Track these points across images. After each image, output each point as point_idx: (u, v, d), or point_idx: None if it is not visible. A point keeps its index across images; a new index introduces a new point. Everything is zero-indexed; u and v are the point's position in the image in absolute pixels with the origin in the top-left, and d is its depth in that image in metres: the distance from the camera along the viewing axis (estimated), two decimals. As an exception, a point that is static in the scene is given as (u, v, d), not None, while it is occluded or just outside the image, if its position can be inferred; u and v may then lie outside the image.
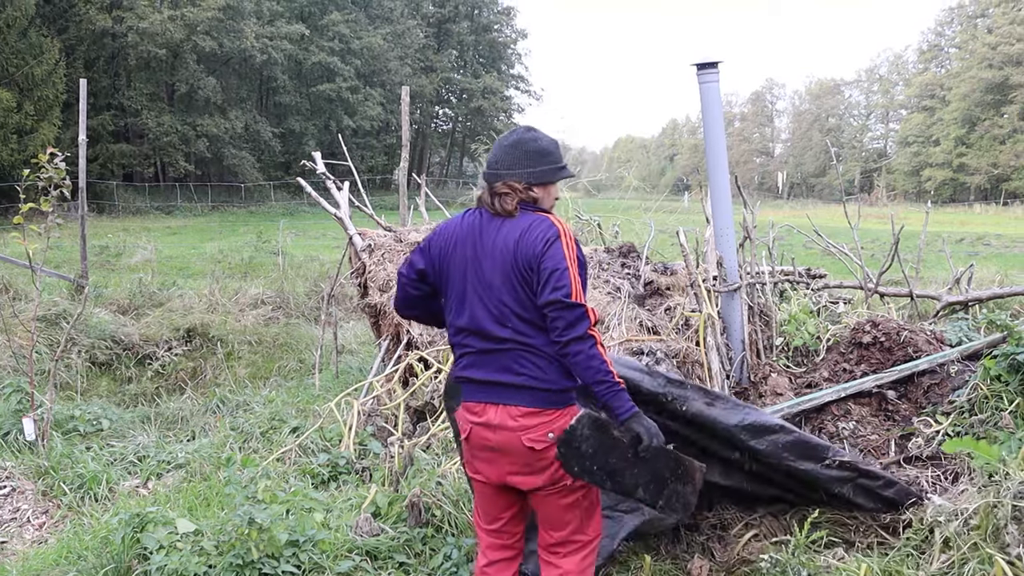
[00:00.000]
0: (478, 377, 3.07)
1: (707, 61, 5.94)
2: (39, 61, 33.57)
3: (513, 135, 3.14)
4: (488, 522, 3.27)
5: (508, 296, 2.97)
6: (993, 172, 61.58)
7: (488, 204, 3.07)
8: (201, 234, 28.03)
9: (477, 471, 3.17)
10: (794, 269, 8.13)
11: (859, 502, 4.04)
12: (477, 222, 3.10)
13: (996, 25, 64.47)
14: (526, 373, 2.98)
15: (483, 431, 3.05)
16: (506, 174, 3.05)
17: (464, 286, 3.06)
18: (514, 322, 2.98)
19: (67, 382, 8.62)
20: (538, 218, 3.01)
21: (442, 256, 3.14)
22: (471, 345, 3.08)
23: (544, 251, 2.90)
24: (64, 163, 5.91)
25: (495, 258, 2.99)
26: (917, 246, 9.32)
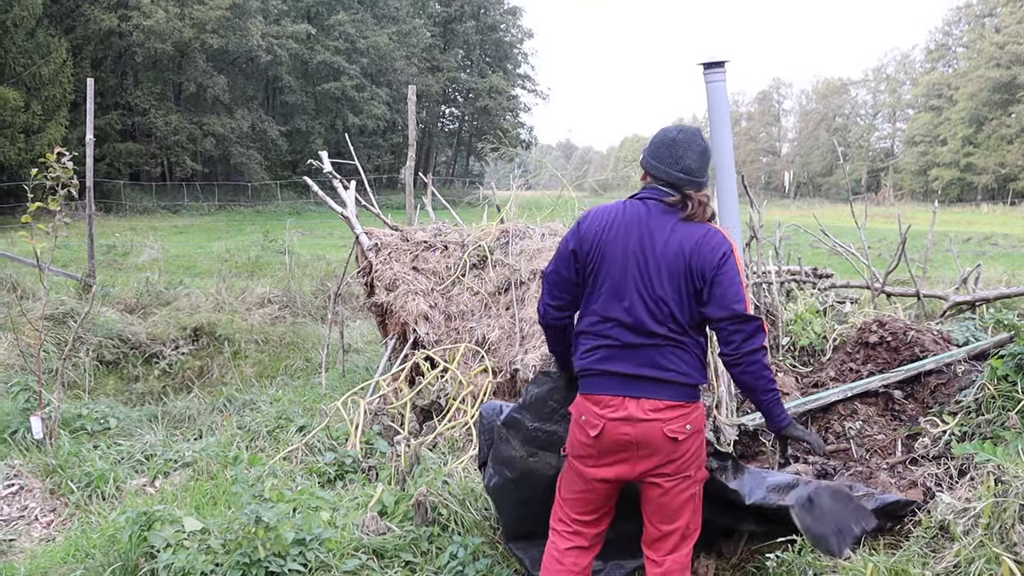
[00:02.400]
0: (618, 370, 3.09)
1: (714, 60, 5.93)
2: (46, 61, 33.68)
3: (701, 142, 3.20)
4: (581, 513, 3.26)
5: (671, 298, 3.05)
6: (1000, 172, 61.40)
7: (693, 214, 3.09)
8: (208, 233, 28.08)
9: (599, 466, 3.14)
10: (800, 268, 8.12)
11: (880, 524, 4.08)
12: (644, 216, 3.12)
13: (1004, 24, 64.26)
14: (673, 368, 3.07)
15: (621, 426, 3.05)
16: (700, 183, 3.14)
17: (624, 277, 3.09)
18: (670, 323, 3.07)
19: (74, 381, 8.64)
20: (711, 229, 3.11)
21: (598, 241, 3.14)
22: (616, 338, 3.10)
23: (721, 265, 3.02)
24: (71, 162, 5.92)
25: (666, 259, 3.05)
26: (924, 246, 9.30)
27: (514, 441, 3.69)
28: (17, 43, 32.74)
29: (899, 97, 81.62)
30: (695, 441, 3.13)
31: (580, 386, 3.21)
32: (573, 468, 3.24)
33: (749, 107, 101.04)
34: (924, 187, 68.33)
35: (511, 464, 3.69)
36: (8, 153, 30.89)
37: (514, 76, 71.00)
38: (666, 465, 3.08)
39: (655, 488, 3.13)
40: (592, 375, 3.14)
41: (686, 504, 3.19)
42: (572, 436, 3.24)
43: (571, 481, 3.27)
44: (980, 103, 63.88)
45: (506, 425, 3.74)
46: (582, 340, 3.20)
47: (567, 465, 3.30)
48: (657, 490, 3.14)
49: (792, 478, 3.95)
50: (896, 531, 4.02)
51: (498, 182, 33.03)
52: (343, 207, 8.17)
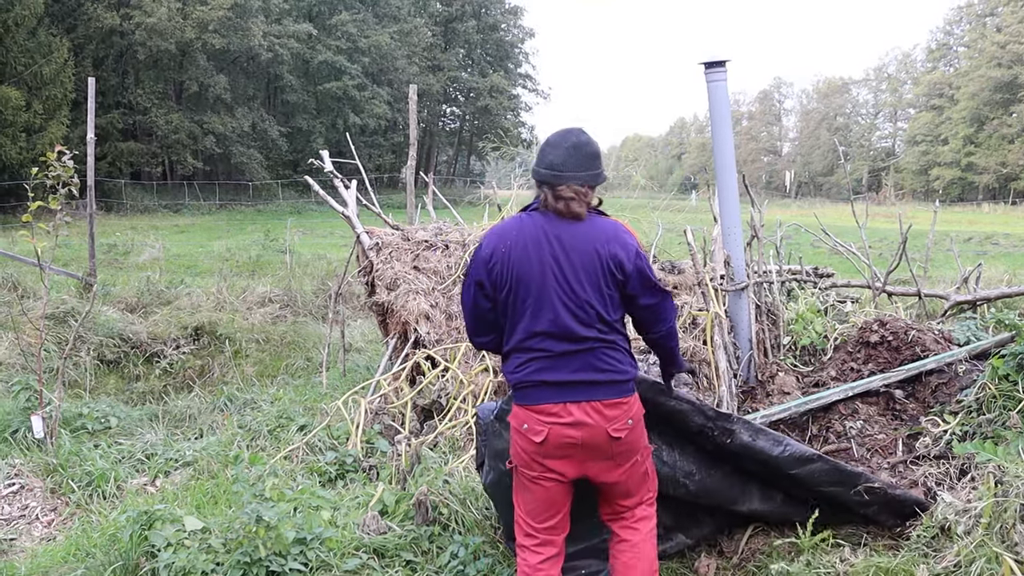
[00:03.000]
0: (555, 379, 3.13)
1: (715, 60, 5.93)
2: (48, 60, 33.69)
3: (571, 136, 3.17)
4: (543, 520, 3.29)
5: (595, 298, 3.11)
6: (1002, 171, 61.37)
7: (553, 207, 3.12)
8: (209, 232, 28.09)
9: (550, 471, 3.18)
10: (801, 268, 8.11)
11: (882, 519, 4.09)
12: (545, 225, 3.14)
13: (1005, 24, 64.22)
14: (608, 368, 3.14)
15: (566, 430, 3.10)
16: (570, 176, 3.10)
17: (544, 289, 3.11)
18: (596, 323, 3.11)
19: (75, 380, 8.64)
20: (613, 223, 3.20)
21: (508, 262, 3.14)
22: (548, 349, 3.13)
23: (636, 258, 3.14)
24: (72, 161, 5.92)
25: (582, 261, 3.10)
26: (925, 245, 9.30)
27: (505, 433, 3.71)
28: (18, 42, 32.74)
29: (900, 96, 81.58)
30: (636, 430, 3.23)
31: (516, 397, 3.23)
32: (524, 477, 3.27)
33: (750, 106, 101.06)
34: (925, 186, 68.32)
35: (504, 456, 3.71)
36: (9, 152, 30.90)
37: (515, 75, 70.96)
38: (613, 461, 3.18)
39: (609, 479, 3.24)
40: (529, 387, 3.17)
41: (643, 478, 3.33)
42: (515, 446, 3.26)
43: (526, 491, 3.30)
44: (981, 102, 63.84)
45: (498, 418, 3.77)
46: (515, 356, 3.22)
47: (518, 478, 3.32)
48: (611, 480, 3.24)
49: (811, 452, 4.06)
50: (896, 532, 4.01)
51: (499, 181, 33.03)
52: (344, 206, 8.17)
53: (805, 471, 3.98)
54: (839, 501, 4.06)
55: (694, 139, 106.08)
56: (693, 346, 5.95)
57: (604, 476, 3.20)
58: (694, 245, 6.46)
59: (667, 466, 3.85)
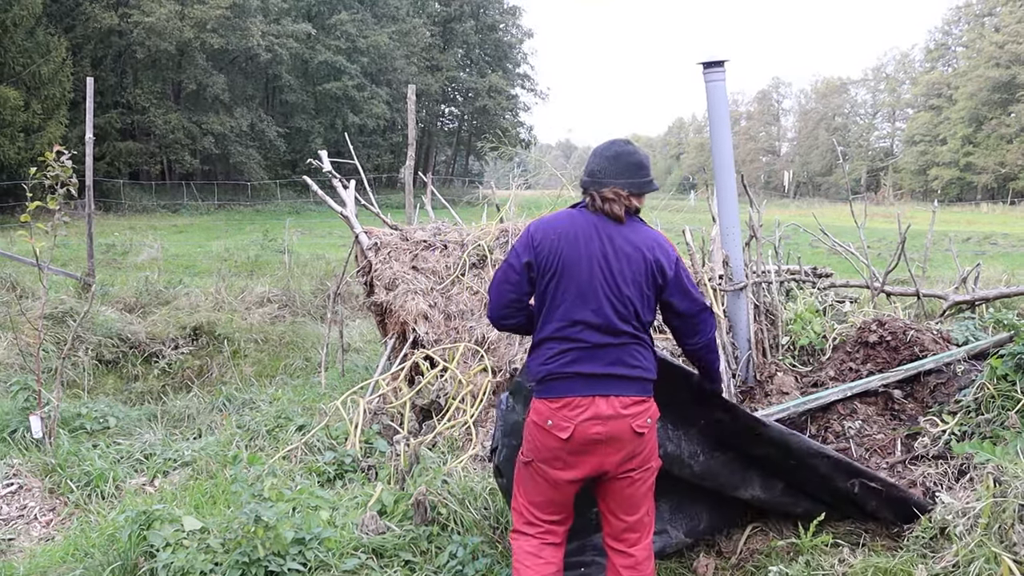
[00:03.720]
0: (588, 371, 3.19)
1: (713, 60, 5.94)
2: (46, 60, 33.67)
3: (614, 147, 3.36)
4: (550, 513, 3.33)
5: (635, 297, 3.25)
6: (1000, 171, 61.42)
7: (598, 208, 3.28)
8: (207, 232, 28.08)
9: (569, 467, 3.21)
10: (800, 268, 8.12)
11: (882, 515, 4.10)
12: (597, 222, 3.27)
13: (1003, 24, 64.28)
14: (639, 365, 3.26)
15: (592, 425, 3.15)
16: (611, 182, 3.27)
17: (591, 280, 3.22)
18: (633, 320, 3.25)
19: (74, 380, 8.63)
20: (658, 233, 3.38)
21: (556, 250, 3.24)
22: (585, 340, 3.20)
23: (677, 266, 3.32)
24: (71, 161, 5.91)
25: (629, 260, 3.24)
26: (923, 245, 9.31)
27: (518, 407, 3.73)
28: (17, 42, 32.71)
29: (899, 96, 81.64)
30: (654, 432, 3.31)
31: (539, 392, 3.26)
32: (539, 472, 3.29)
33: (749, 106, 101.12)
34: (924, 186, 68.36)
35: (517, 431, 3.71)
36: (8, 152, 30.87)
37: (513, 76, 70.94)
38: (631, 459, 3.22)
39: (622, 481, 3.26)
40: (557, 379, 3.21)
41: (647, 493, 3.35)
42: (535, 441, 3.27)
43: (538, 485, 3.32)
44: (980, 102, 63.88)
45: (512, 394, 3.80)
46: (548, 345, 3.26)
47: (530, 470, 3.33)
48: (624, 482, 3.26)
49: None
50: (895, 533, 4.02)
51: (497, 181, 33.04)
52: (343, 206, 8.17)
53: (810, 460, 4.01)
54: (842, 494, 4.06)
55: (692, 139, 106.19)
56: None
57: (620, 467, 3.21)
58: (693, 245, 6.46)
59: (672, 443, 3.87)
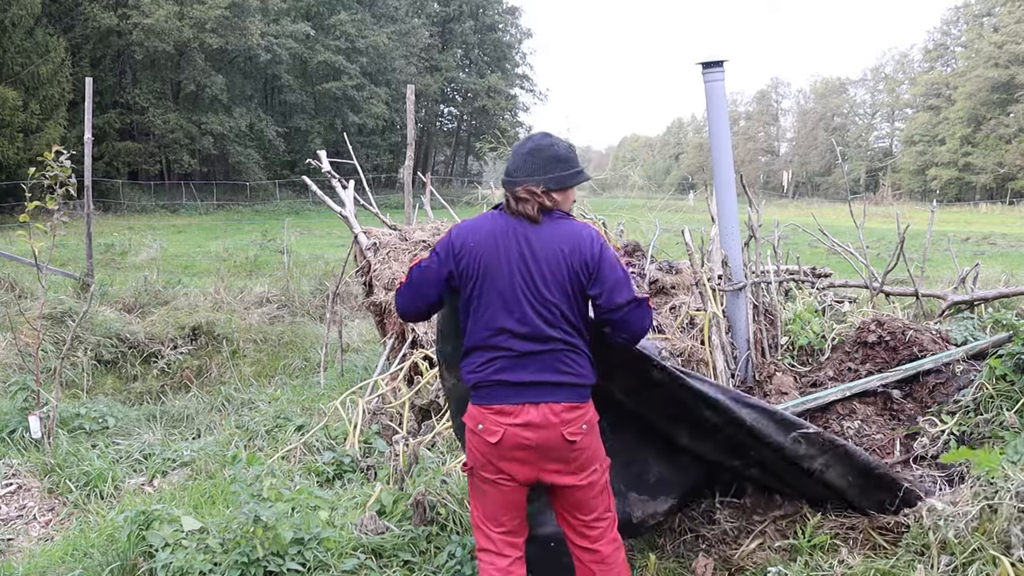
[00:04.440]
0: (515, 380, 3.12)
1: (713, 60, 5.93)
2: (45, 60, 33.68)
3: (529, 143, 3.25)
4: (499, 524, 3.27)
5: (560, 299, 3.12)
6: (999, 171, 61.42)
7: (512, 210, 3.17)
8: (206, 232, 28.09)
9: (502, 473, 3.16)
10: (799, 268, 8.13)
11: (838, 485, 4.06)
12: (515, 224, 3.16)
13: (1002, 24, 64.28)
14: (570, 371, 3.14)
15: (521, 431, 3.09)
16: (524, 180, 3.16)
17: (512, 287, 3.11)
18: (562, 324, 3.13)
19: (73, 380, 8.62)
20: (582, 225, 3.21)
21: (476, 256, 3.15)
22: (511, 348, 3.12)
23: (600, 257, 3.12)
24: (70, 161, 5.91)
25: (547, 262, 3.11)
26: (922, 245, 9.31)
27: (446, 372, 3.74)
28: (15, 42, 32.72)
29: (897, 97, 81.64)
30: (591, 438, 3.20)
31: (473, 398, 3.21)
32: (480, 480, 3.24)
33: (748, 106, 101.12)
34: (922, 187, 68.35)
35: (452, 394, 3.74)
36: (6, 152, 30.87)
37: (512, 76, 70.96)
38: (568, 464, 3.15)
39: (567, 488, 3.20)
40: (487, 386, 3.16)
41: (600, 493, 3.27)
42: (471, 448, 3.24)
43: (482, 495, 3.27)
44: (978, 103, 63.89)
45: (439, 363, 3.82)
46: (475, 354, 3.20)
47: (473, 481, 3.29)
48: (567, 489, 3.20)
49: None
50: (894, 534, 4.01)
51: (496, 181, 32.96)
52: (342, 206, 8.17)
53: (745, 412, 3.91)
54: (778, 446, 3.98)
55: (692, 139, 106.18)
56: (691, 346, 5.95)
57: (559, 479, 3.16)
58: (692, 245, 6.46)
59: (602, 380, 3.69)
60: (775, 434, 3.94)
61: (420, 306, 3.33)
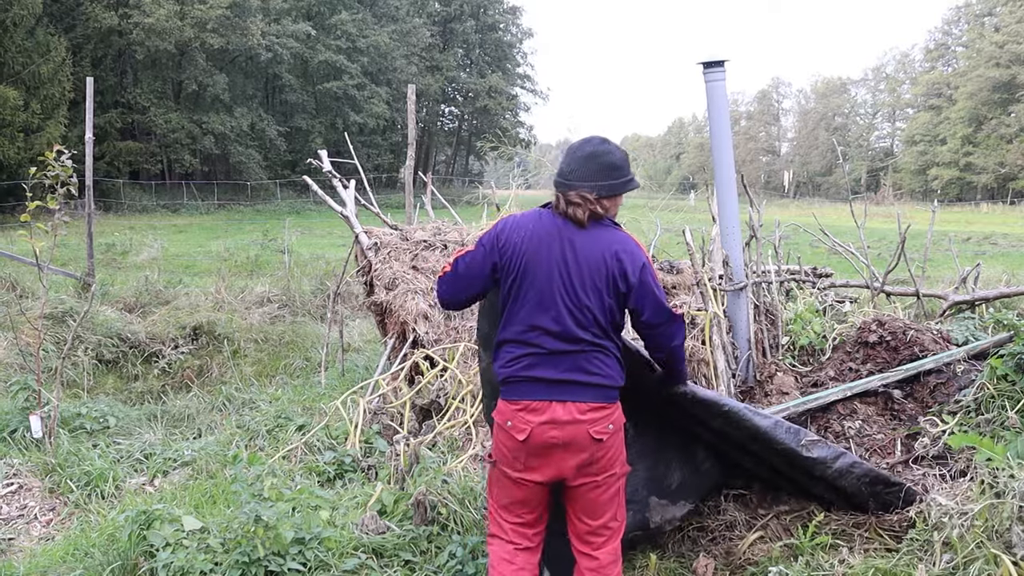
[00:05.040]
0: (545, 376, 3.16)
1: (714, 60, 5.93)
2: (46, 59, 33.69)
3: (588, 147, 3.25)
4: (514, 516, 3.31)
5: (594, 303, 3.16)
6: (1000, 171, 61.40)
7: (562, 211, 3.20)
8: (207, 232, 28.09)
9: (528, 469, 3.19)
10: (800, 268, 8.12)
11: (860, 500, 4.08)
12: (561, 226, 3.20)
13: (1003, 24, 64.26)
14: (598, 372, 3.18)
15: (548, 429, 3.13)
16: (579, 185, 3.18)
17: (550, 286, 3.16)
18: (593, 327, 3.17)
19: (74, 380, 8.63)
20: (626, 237, 3.26)
21: (519, 252, 3.19)
22: (542, 345, 3.16)
23: (641, 272, 3.18)
24: (71, 161, 5.91)
25: (588, 266, 3.15)
26: (923, 245, 9.29)
27: (482, 352, 3.74)
28: (16, 42, 32.73)
29: (898, 96, 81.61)
30: (616, 439, 3.24)
31: (503, 392, 3.25)
32: (503, 474, 3.28)
33: (749, 106, 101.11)
34: (923, 186, 68.33)
35: (484, 376, 3.74)
36: (7, 152, 30.87)
37: (513, 76, 70.95)
38: (591, 464, 3.18)
39: (583, 487, 3.22)
40: (517, 382, 3.20)
41: (612, 499, 3.29)
42: (498, 442, 3.28)
43: (504, 487, 3.30)
44: (979, 102, 63.87)
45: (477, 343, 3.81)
46: (508, 348, 3.24)
47: (497, 473, 3.32)
48: (584, 488, 3.22)
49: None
50: (895, 534, 4.01)
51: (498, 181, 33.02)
52: (342, 206, 8.17)
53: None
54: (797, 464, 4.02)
55: (692, 139, 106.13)
56: (692, 346, 5.94)
57: (579, 478, 3.19)
58: (692, 245, 6.46)
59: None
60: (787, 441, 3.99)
61: (462, 297, 3.38)
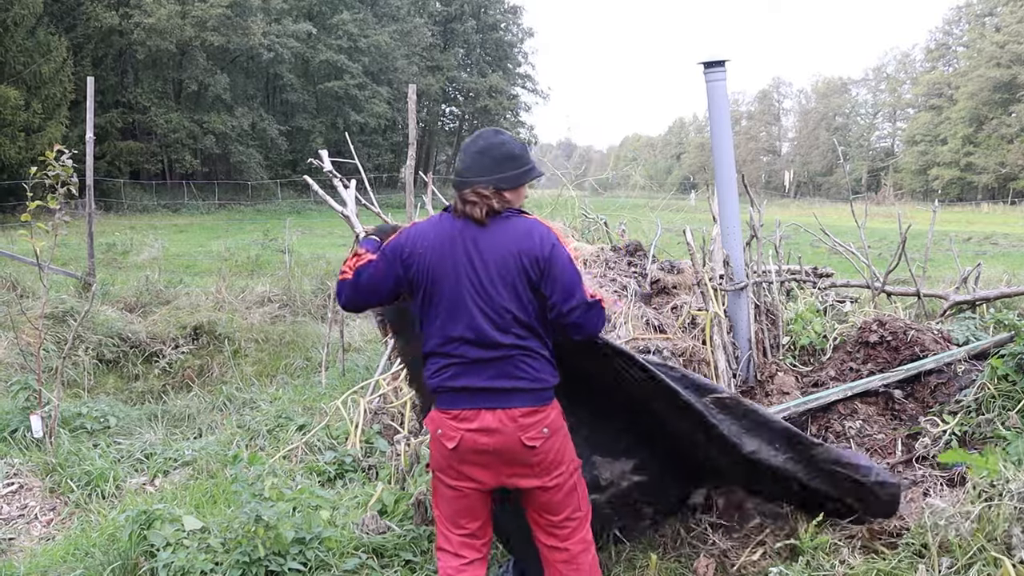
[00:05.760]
0: (470, 385, 3.07)
1: (714, 59, 5.93)
2: (47, 59, 33.70)
3: (480, 141, 3.17)
4: (458, 527, 3.24)
5: (511, 302, 3.04)
6: (1001, 171, 61.40)
7: (460, 213, 3.09)
8: (208, 232, 28.10)
9: (464, 477, 3.14)
10: (801, 268, 8.11)
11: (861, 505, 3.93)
12: (462, 227, 3.08)
13: (1004, 24, 64.26)
14: (525, 376, 3.07)
15: (478, 436, 3.05)
16: (475, 181, 3.09)
17: (459, 293, 3.04)
18: (515, 328, 3.06)
19: (74, 379, 8.63)
20: (531, 222, 3.11)
21: (424, 263, 3.08)
22: (464, 355, 3.07)
23: (551, 256, 3.03)
24: (71, 161, 5.91)
25: (496, 262, 3.03)
26: (924, 245, 9.28)
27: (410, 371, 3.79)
28: (17, 42, 32.74)
29: (899, 96, 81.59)
30: (554, 442, 3.14)
31: (436, 402, 3.19)
32: (442, 483, 3.23)
33: (749, 106, 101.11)
34: (924, 186, 68.32)
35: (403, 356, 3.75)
36: (8, 152, 30.89)
37: (514, 75, 70.99)
38: (531, 468, 3.11)
39: (534, 491, 3.17)
40: (445, 392, 3.13)
41: (570, 494, 3.22)
42: (433, 451, 3.23)
43: (444, 497, 3.25)
44: (980, 102, 63.86)
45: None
46: (432, 360, 3.17)
47: (436, 482, 3.28)
48: (536, 492, 3.17)
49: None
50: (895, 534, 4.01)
51: (498, 181, 32.92)
52: (343, 206, 8.15)
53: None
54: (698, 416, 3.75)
55: (693, 139, 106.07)
56: (692, 346, 5.94)
57: (523, 482, 3.14)
58: (693, 245, 6.46)
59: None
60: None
61: (362, 306, 3.31)
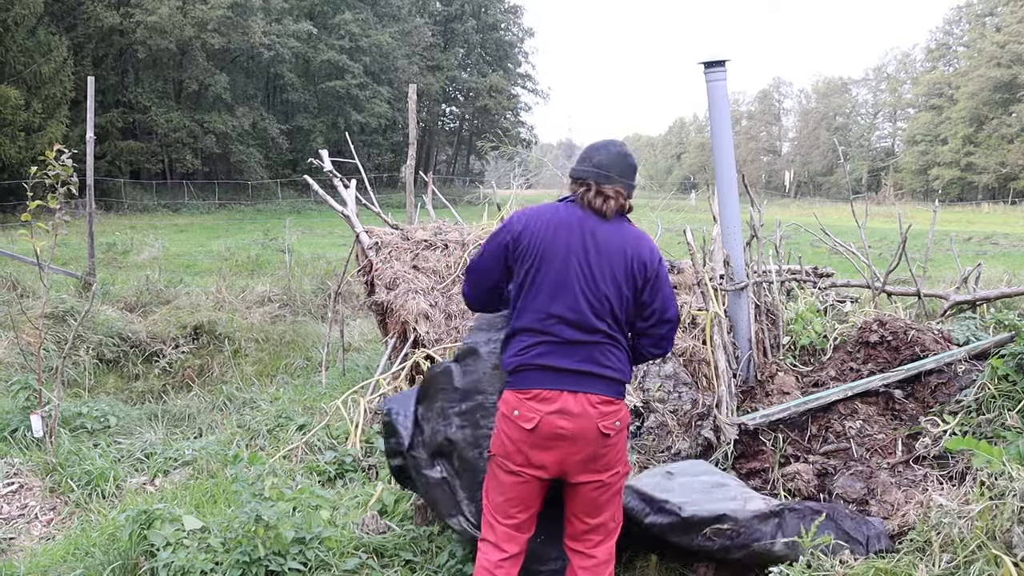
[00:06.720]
0: (557, 365, 3.16)
1: (714, 59, 5.92)
2: (47, 59, 33.71)
3: (616, 147, 3.36)
4: (511, 516, 3.26)
5: (612, 294, 3.20)
6: (1001, 171, 61.39)
7: (592, 203, 3.25)
8: (208, 232, 28.11)
9: (529, 463, 3.16)
10: (801, 268, 8.11)
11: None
12: (582, 217, 3.25)
13: (1004, 24, 64.25)
14: (610, 365, 3.21)
15: (557, 419, 3.11)
16: (618, 180, 3.26)
17: (567, 274, 3.19)
18: (609, 318, 3.21)
19: (74, 379, 8.63)
20: (642, 232, 3.35)
21: (536, 239, 3.23)
22: (558, 334, 3.17)
23: (658, 269, 3.29)
24: (71, 160, 5.91)
25: (609, 257, 3.20)
26: (924, 245, 9.28)
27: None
28: (18, 41, 32.76)
29: (900, 96, 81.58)
30: (621, 437, 3.25)
31: (511, 382, 3.24)
32: (502, 469, 3.23)
33: (750, 106, 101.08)
34: (925, 186, 68.32)
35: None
36: (8, 151, 30.90)
37: (514, 75, 70.95)
38: (596, 460, 3.17)
39: (587, 485, 3.20)
40: (527, 370, 3.19)
41: (613, 498, 3.29)
42: (500, 434, 3.24)
43: (500, 484, 3.26)
44: (981, 102, 63.85)
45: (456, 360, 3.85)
46: (521, 338, 3.24)
47: (493, 466, 3.29)
48: (588, 487, 3.21)
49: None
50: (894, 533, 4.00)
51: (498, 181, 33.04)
52: (343, 206, 8.16)
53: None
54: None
55: (693, 139, 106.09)
56: (693, 346, 5.94)
57: (581, 475, 3.17)
58: (693, 245, 6.46)
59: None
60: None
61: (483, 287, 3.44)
